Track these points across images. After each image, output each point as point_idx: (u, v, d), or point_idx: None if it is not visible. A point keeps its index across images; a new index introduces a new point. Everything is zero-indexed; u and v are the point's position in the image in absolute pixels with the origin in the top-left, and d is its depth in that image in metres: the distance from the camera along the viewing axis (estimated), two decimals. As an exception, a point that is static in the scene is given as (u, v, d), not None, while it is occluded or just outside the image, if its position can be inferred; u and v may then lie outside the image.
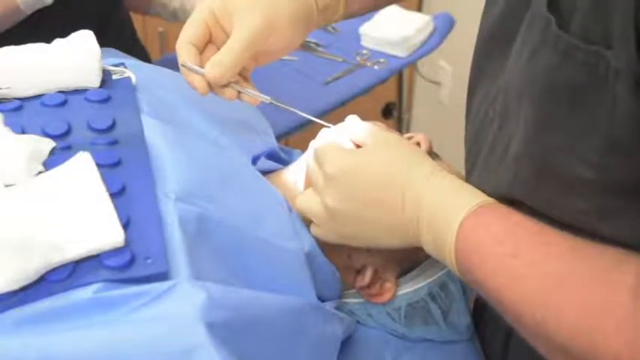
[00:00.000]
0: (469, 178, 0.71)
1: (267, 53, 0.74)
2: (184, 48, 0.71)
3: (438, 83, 2.36)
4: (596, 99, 0.50)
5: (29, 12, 1.06)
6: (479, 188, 0.64)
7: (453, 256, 0.61)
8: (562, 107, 0.53)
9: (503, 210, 0.61)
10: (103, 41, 0.83)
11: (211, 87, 0.71)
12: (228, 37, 0.71)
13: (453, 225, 0.61)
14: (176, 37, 0.72)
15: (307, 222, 0.75)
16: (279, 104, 0.72)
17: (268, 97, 0.72)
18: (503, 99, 0.61)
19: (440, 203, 0.63)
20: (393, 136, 0.71)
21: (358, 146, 0.71)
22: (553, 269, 0.55)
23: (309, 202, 0.71)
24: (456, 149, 0.95)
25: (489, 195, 0.63)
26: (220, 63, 0.69)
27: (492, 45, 0.66)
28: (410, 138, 0.82)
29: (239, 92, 0.72)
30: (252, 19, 0.69)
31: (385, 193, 0.66)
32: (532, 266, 0.56)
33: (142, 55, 1.34)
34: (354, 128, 0.72)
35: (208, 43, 0.73)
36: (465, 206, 0.62)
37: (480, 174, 0.67)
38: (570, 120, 0.53)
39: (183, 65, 0.71)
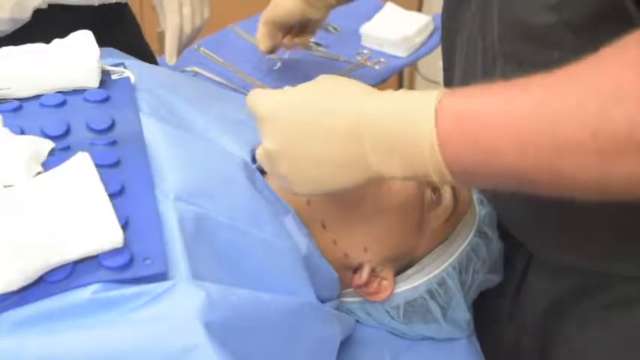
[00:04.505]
0: None
1: None
2: None
3: (438, 83, 2.36)
4: None
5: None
6: None
7: (440, 159, 0.54)
8: None
9: (474, 89, 0.55)
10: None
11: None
12: None
13: (427, 124, 0.53)
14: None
15: (305, 222, 0.75)
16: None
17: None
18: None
19: (395, 113, 0.56)
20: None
21: None
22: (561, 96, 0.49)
23: (258, 152, 0.68)
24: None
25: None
26: None
27: None
28: None
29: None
30: None
31: (323, 123, 0.60)
32: (544, 105, 0.50)
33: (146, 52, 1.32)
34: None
35: None
36: (429, 104, 0.54)
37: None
38: None
39: None
